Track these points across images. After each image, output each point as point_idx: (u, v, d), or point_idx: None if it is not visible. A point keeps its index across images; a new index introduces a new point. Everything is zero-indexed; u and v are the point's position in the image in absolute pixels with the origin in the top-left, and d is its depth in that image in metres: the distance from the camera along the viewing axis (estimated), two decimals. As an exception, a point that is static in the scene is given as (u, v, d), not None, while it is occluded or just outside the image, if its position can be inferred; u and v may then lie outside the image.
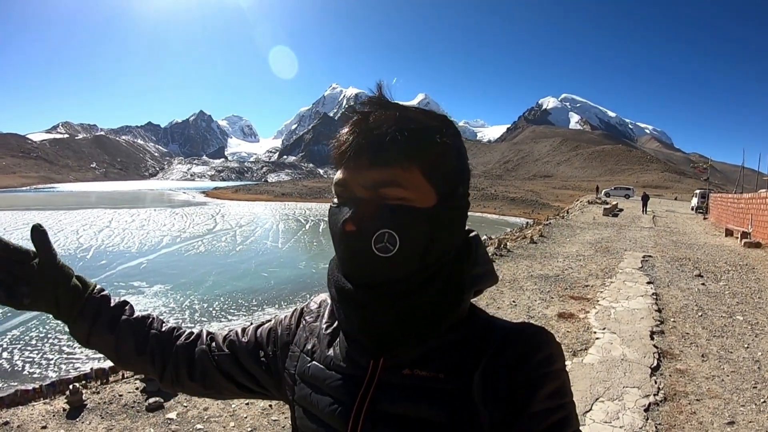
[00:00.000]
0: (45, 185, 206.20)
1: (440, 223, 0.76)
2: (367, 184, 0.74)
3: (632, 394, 5.10)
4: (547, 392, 0.72)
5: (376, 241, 0.72)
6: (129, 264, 22.65)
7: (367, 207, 0.73)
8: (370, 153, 0.73)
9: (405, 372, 0.77)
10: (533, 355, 0.74)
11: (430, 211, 0.75)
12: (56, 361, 10.87)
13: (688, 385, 5.33)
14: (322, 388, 0.84)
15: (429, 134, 0.76)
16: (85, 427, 4.56)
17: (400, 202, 0.73)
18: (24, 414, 4.75)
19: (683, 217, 30.52)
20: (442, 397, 0.74)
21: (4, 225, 38.37)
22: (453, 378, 0.75)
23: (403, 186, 0.73)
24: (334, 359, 0.85)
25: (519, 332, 0.78)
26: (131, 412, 4.84)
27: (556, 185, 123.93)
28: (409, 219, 0.73)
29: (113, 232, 35.16)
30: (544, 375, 0.73)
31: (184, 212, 56.90)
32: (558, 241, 17.38)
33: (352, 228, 0.73)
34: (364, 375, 0.80)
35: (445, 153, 0.78)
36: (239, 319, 14.09)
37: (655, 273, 11.42)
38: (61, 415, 4.76)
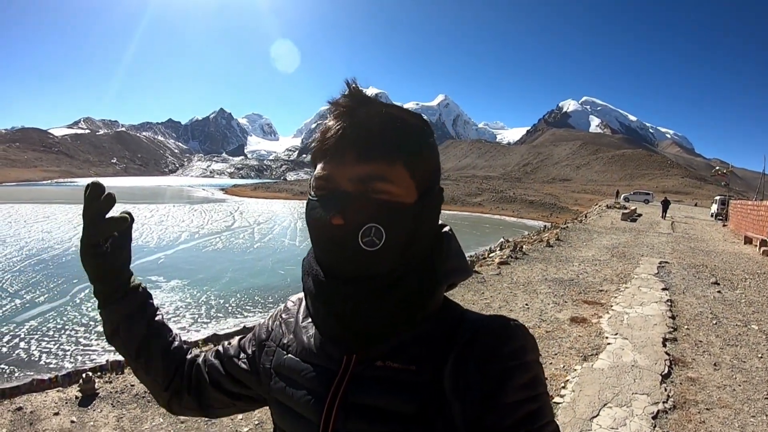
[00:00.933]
0: (66, 179, 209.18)
1: (421, 219, 0.78)
2: (354, 178, 0.74)
3: (641, 401, 5.06)
4: (518, 383, 0.72)
5: (363, 235, 0.73)
6: (147, 258, 22.85)
7: (355, 201, 0.74)
8: (358, 147, 0.75)
9: (378, 364, 0.78)
10: (503, 347, 0.74)
11: (413, 206, 0.77)
12: (72, 352, 11.01)
13: (699, 394, 5.28)
14: (297, 381, 0.85)
15: (413, 132, 0.78)
16: (97, 414, 4.64)
17: (387, 197, 0.74)
18: (37, 400, 4.85)
19: (702, 224, 30.10)
20: (412, 388, 0.75)
21: (25, 218, 38.97)
22: (424, 370, 0.76)
23: (390, 181, 0.74)
24: (309, 352, 0.87)
25: (489, 324, 0.78)
26: (142, 402, 4.92)
27: (575, 189, 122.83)
28: (395, 214, 0.74)
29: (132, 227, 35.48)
30: (515, 367, 0.73)
31: (202, 209, 57.32)
32: (575, 245, 17.25)
33: (340, 221, 0.73)
34: (338, 368, 0.81)
35: (428, 151, 0.80)
36: (255, 316, 14.15)
37: (671, 279, 11.30)
38: (74, 402, 4.86)
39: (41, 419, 4.47)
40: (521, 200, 75.86)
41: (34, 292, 15.94)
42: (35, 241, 26.45)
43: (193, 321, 13.69)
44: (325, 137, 0.78)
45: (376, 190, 0.74)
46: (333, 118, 0.79)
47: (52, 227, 33.12)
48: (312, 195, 0.80)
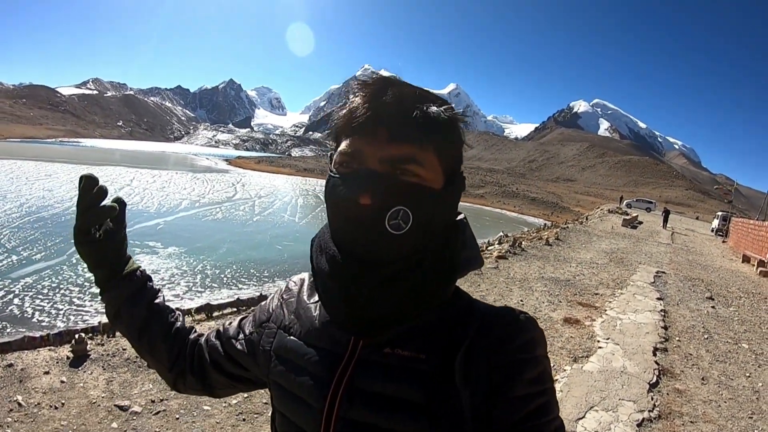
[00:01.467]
0: (71, 139, 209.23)
1: (444, 205, 0.78)
2: (385, 157, 0.73)
3: (627, 407, 5.08)
4: (528, 377, 0.73)
5: (390, 218, 0.71)
6: (146, 224, 22.91)
7: (384, 181, 0.72)
8: (392, 126, 0.73)
9: (386, 351, 0.77)
10: (514, 339, 0.75)
11: (439, 191, 0.76)
12: (66, 311, 11.06)
13: (684, 406, 5.29)
14: (300, 364, 0.84)
15: (445, 116, 0.77)
16: (87, 376, 4.66)
17: (416, 180, 0.73)
18: (28, 358, 4.86)
19: (702, 238, 30.11)
20: (422, 377, 0.74)
21: (27, 175, 39.00)
22: (434, 359, 0.75)
23: (421, 164, 0.74)
24: (313, 334, 0.86)
25: (501, 315, 0.79)
26: (133, 366, 4.94)
27: (578, 190, 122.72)
28: (423, 198, 0.73)
29: (133, 191, 35.59)
30: (524, 360, 0.74)
31: (205, 178, 57.37)
32: (573, 246, 17.25)
33: (368, 201, 0.71)
34: (343, 352, 0.80)
35: (456, 136, 0.79)
36: (249, 288, 14.19)
37: (667, 290, 11.31)
38: (65, 362, 4.87)
39: (31, 377, 4.49)
40: (523, 196, 75.88)
41: (32, 249, 16.01)
42: (36, 199, 26.51)
43: (188, 289, 13.75)
44: (355, 113, 0.75)
45: (406, 172, 0.73)
46: (363, 95, 0.77)
47: (54, 186, 33.18)
48: (334, 172, 0.78)
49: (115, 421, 3.95)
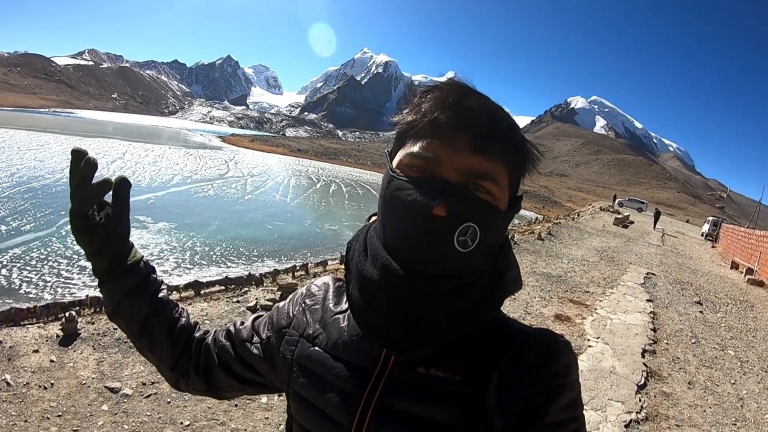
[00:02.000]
0: (64, 109, 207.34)
1: (505, 227, 0.77)
2: (465, 169, 0.69)
3: (615, 408, 5.13)
4: (562, 403, 0.71)
5: (459, 234, 0.67)
6: (137, 198, 22.72)
7: (460, 194, 0.68)
8: (476, 136, 0.70)
9: (420, 370, 0.74)
10: (551, 364, 0.73)
11: (505, 213, 0.74)
12: (53, 283, 10.99)
13: (671, 409, 5.35)
14: (326, 378, 0.80)
15: (522, 137, 0.75)
16: (77, 355, 4.62)
17: (489, 198, 0.70)
18: (18, 335, 4.81)
19: (692, 241, 30.32)
20: (456, 399, 0.72)
21: (18, 144, 38.56)
22: (469, 380, 0.73)
23: (496, 182, 0.71)
24: (341, 347, 0.82)
25: (538, 339, 0.77)
26: (123, 347, 4.90)
27: (570, 186, 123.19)
28: (492, 217, 0.71)
29: (125, 165, 35.32)
30: (561, 385, 0.72)
31: (198, 154, 57.01)
32: (565, 242, 17.33)
33: (443, 213, 0.67)
34: (373, 368, 0.77)
35: (531, 163, 0.77)
36: (238, 267, 14.16)
37: (656, 292, 11.39)
38: (54, 341, 4.83)
39: (20, 355, 4.44)
40: (516, 189, 75.93)
41: (21, 220, 15.86)
42: (26, 169, 26.25)
43: (176, 265, 13.70)
44: (433, 114, 0.71)
45: (479, 188, 0.70)
46: (442, 98, 0.72)
47: (45, 156, 32.87)
48: (399, 173, 0.73)
49: (105, 404, 3.93)
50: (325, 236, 20.72)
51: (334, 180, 49.05)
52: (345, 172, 63.85)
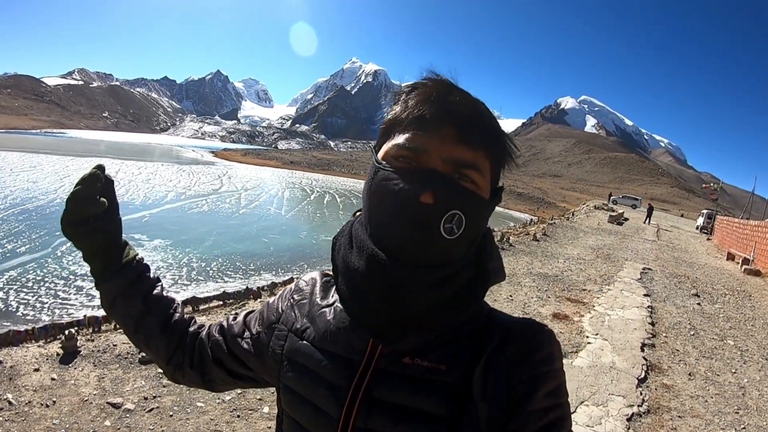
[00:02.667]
0: (55, 130, 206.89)
1: (488, 217, 0.79)
2: (451, 158, 0.71)
3: (617, 402, 5.14)
4: (546, 391, 0.72)
5: (446, 221, 0.69)
6: (131, 216, 22.65)
7: (446, 183, 0.70)
8: (463, 127, 0.72)
9: (405, 360, 0.76)
10: (535, 353, 0.74)
11: (488, 202, 0.76)
12: (51, 305, 10.93)
13: (672, 401, 5.37)
14: (315, 370, 0.82)
15: (504, 131, 0.78)
16: (78, 373, 4.61)
17: (473, 187, 0.73)
18: (18, 355, 4.80)
19: (687, 235, 30.42)
20: (442, 389, 0.73)
21: (11, 166, 38.42)
22: (454, 370, 0.74)
23: (481, 172, 0.73)
24: (329, 340, 0.83)
25: (522, 328, 0.78)
26: (124, 363, 4.90)
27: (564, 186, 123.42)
28: (477, 206, 0.73)
29: (119, 183, 34.73)
30: (544, 373, 0.73)
31: (191, 170, 56.90)
32: (560, 241, 17.36)
33: (430, 200, 0.68)
34: (360, 359, 0.78)
35: (510, 154, 0.80)
36: (235, 281, 14.11)
37: (653, 286, 11.43)
38: (55, 359, 4.81)
39: (21, 374, 4.42)
40: (509, 191, 75.94)
41: (16, 242, 15.78)
42: (20, 191, 26.14)
43: (173, 282, 13.65)
44: (419, 108, 0.73)
45: (464, 177, 0.72)
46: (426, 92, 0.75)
47: (38, 177, 32.75)
48: (385, 165, 0.74)
49: (108, 419, 3.92)
50: (321, 247, 20.68)
51: (328, 191, 48.99)
52: (338, 183, 63.80)
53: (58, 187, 28.74)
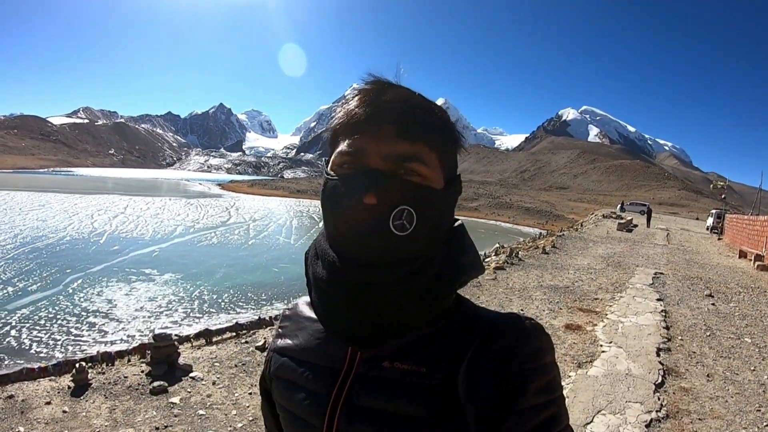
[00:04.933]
0: (63, 168, 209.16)
1: (446, 207, 0.76)
2: (390, 155, 0.71)
3: (634, 409, 5.06)
4: (536, 387, 0.69)
5: (394, 218, 0.69)
6: (141, 251, 22.81)
7: (388, 180, 0.70)
8: (398, 123, 0.71)
9: (385, 365, 0.74)
10: (521, 348, 0.71)
11: (442, 192, 0.74)
12: (63, 342, 10.97)
13: (692, 404, 5.28)
14: (297, 382, 0.82)
15: (445, 118, 0.77)
16: (89, 405, 4.61)
17: (420, 180, 0.72)
18: (29, 389, 4.81)
19: (697, 237, 30.18)
20: (423, 392, 0.71)
21: (20, 205, 38.83)
22: (435, 372, 0.72)
23: (425, 163, 0.72)
24: (308, 351, 0.84)
25: (506, 323, 0.75)
26: (135, 394, 4.89)
27: (571, 197, 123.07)
28: (427, 198, 0.72)
29: (127, 219, 35.45)
30: (533, 369, 0.70)
31: (198, 203, 57.25)
32: (570, 253, 17.26)
33: (373, 200, 0.69)
34: (341, 367, 0.78)
35: (457, 137, 0.78)
36: (247, 312, 14.11)
37: (666, 290, 11.32)
38: (66, 392, 4.82)
39: (33, 408, 4.44)
40: (517, 206, 75.93)
41: (27, 280, 15.90)
42: (29, 229, 26.39)
43: (186, 315, 13.66)
44: (354, 112, 0.74)
45: (410, 171, 0.71)
46: (362, 97, 0.75)
47: (47, 216, 33.05)
48: (332, 174, 0.75)
49: (119, 449, 3.91)
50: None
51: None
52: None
53: (68, 225, 29.02)
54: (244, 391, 5.12)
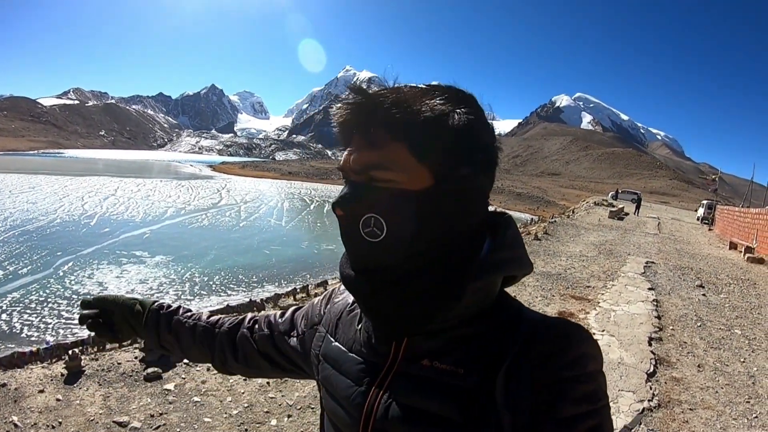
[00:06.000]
0: (53, 150, 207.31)
1: (435, 206, 0.72)
2: (358, 167, 0.73)
3: (627, 398, 5.12)
4: (576, 396, 0.67)
5: (363, 226, 0.71)
6: (132, 233, 22.65)
7: (355, 190, 0.73)
8: (365, 132, 0.72)
9: (424, 363, 0.75)
10: (562, 355, 0.69)
11: (422, 193, 0.71)
12: (54, 325, 10.90)
13: (683, 394, 5.34)
14: (342, 371, 0.84)
15: (419, 110, 0.70)
16: (83, 392, 4.59)
17: (389, 185, 0.71)
18: (22, 377, 4.78)
19: (688, 226, 30.41)
20: (458, 394, 0.71)
21: (10, 188, 38.40)
22: (472, 374, 0.71)
23: (390, 168, 0.70)
24: (356, 343, 0.86)
25: (549, 327, 0.73)
26: (129, 380, 4.88)
27: (563, 184, 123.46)
28: (395, 202, 0.70)
29: (118, 201, 35.18)
30: (574, 377, 0.67)
31: (190, 185, 56.92)
32: (562, 239, 17.33)
33: (341, 212, 0.74)
34: (383, 362, 0.79)
35: (438, 129, 0.70)
36: (238, 294, 14.08)
37: (657, 280, 11.41)
38: (59, 379, 4.79)
39: (26, 396, 4.40)
40: (509, 192, 76.01)
41: (17, 263, 15.76)
42: (19, 212, 26.10)
43: (177, 297, 13.62)
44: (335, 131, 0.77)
45: (377, 179, 0.71)
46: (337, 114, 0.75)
47: (38, 198, 32.72)
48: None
49: (114, 437, 3.90)
50: (323, 257, 20.63)
51: (327, 200, 48.78)
52: (337, 191, 63.40)
53: (58, 207, 28.73)
54: (238, 378, 5.11)
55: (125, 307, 1.15)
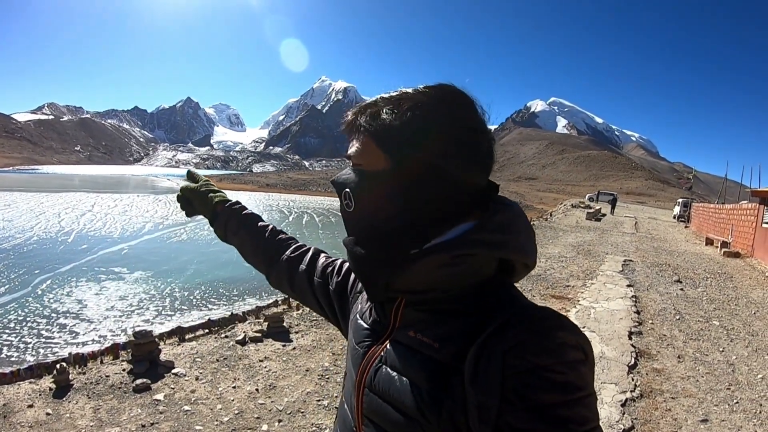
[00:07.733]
0: (28, 167, 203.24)
1: (392, 186, 0.80)
2: (348, 157, 0.89)
3: (610, 390, 5.23)
4: (547, 385, 0.65)
5: (343, 198, 0.88)
6: (110, 249, 22.33)
7: (344, 172, 0.90)
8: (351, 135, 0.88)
9: (410, 333, 0.83)
10: (537, 342, 0.68)
11: (380, 174, 0.82)
12: (34, 344, 10.71)
13: (664, 384, 5.47)
14: (354, 337, 0.96)
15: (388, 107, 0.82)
16: (72, 406, 4.56)
17: (360, 167, 0.86)
18: (10, 392, 4.73)
19: (665, 225, 30.93)
20: (430, 365, 0.76)
21: (-17, 205, 37.70)
22: (446, 349, 0.76)
23: (361, 155, 0.85)
24: (367, 314, 0.97)
25: (528, 314, 0.74)
26: (118, 392, 4.85)
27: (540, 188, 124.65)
28: (362, 180, 0.85)
29: (95, 217, 34.65)
30: (547, 366, 0.66)
31: (167, 199, 56.21)
32: (541, 242, 17.44)
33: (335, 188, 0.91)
34: (384, 331, 0.90)
35: (400, 122, 0.80)
36: (219, 308, 13.94)
37: (636, 277, 11.61)
38: (48, 394, 4.76)
39: (15, 412, 4.36)
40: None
41: (-6, 282, 15.44)
42: (-6, 230, 25.60)
43: (157, 313, 13.43)
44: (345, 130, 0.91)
45: (355, 164, 0.87)
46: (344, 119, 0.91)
47: (13, 216, 32.07)
48: None
49: (106, 448, 3.88)
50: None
51: (306, 211, 48.78)
52: (316, 202, 63.70)
53: (34, 224, 28.22)
54: (227, 385, 5.12)
55: (203, 198, 1.45)
